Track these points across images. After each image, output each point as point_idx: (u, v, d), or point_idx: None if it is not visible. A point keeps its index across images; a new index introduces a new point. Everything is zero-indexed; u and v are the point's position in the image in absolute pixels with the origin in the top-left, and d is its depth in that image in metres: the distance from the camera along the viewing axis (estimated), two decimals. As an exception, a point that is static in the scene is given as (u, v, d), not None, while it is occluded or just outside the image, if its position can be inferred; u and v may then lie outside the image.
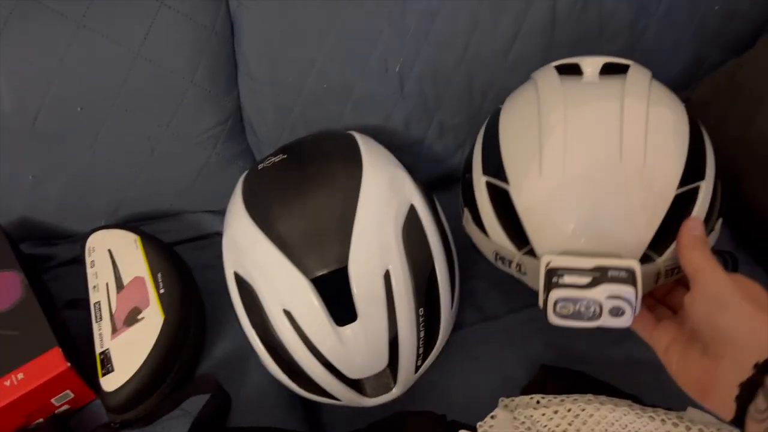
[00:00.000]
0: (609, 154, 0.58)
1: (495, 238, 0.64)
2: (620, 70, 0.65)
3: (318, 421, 0.73)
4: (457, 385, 0.70)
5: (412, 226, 0.65)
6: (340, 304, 0.62)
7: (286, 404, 0.72)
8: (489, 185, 0.64)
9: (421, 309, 0.64)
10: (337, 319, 0.61)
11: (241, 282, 0.66)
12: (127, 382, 0.62)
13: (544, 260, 0.57)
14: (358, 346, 0.62)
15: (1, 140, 0.72)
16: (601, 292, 0.53)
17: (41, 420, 0.64)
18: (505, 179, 0.62)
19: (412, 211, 0.66)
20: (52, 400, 0.64)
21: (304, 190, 0.66)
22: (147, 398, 0.64)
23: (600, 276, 0.54)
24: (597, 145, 0.59)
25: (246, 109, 0.80)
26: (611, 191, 0.58)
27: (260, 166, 0.71)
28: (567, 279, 0.55)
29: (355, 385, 0.65)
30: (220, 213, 0.84)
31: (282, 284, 0.62)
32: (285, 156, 0.70)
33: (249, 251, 0.65)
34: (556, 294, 0.54)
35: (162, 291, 0.67)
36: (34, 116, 0.72)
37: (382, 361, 0.63)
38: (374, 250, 0.62)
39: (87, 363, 0.66)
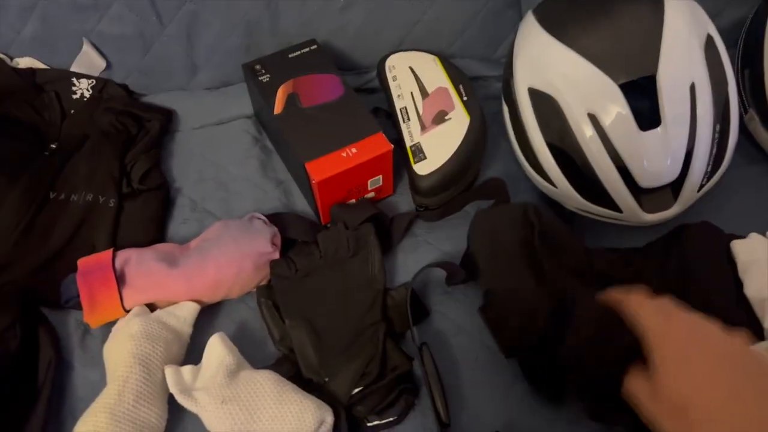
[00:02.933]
0: None
1: None
2: None
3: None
4: (727, 214, 0.73)
5: (711, 50, 0.69)
6: (643, 112, 0.67)
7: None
8: None
9: (718, 125, 0.68)
10: (640, 125, 0.66)
11: (537, 96, 0.71)
12: (440, 168, 0.71)
13: None
14: (656, 151, 0.66)
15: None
16: None
17: (356, 200, 0.75)
18: None
19: (710, 38, 0.70)
20: (368, 182, 0.73)
21: (607, 9, 0.70)
22: (451, 186, 0.72)
23: None
24: None
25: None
26: None
27: (552, -5, 0.76)
28: None
29: (640, 195, 0.70)
30: (485, 60, 0.92)
31: (589, 89, 0.67)
32: (581, -17, 0.75)
33: (551, 64, 0.70)
34: None
35: (465, 98, 0.75)
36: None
37: (674, 171, 0.67)
38: (683, 62, 0.66)
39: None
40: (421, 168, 0.72)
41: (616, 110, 0.67)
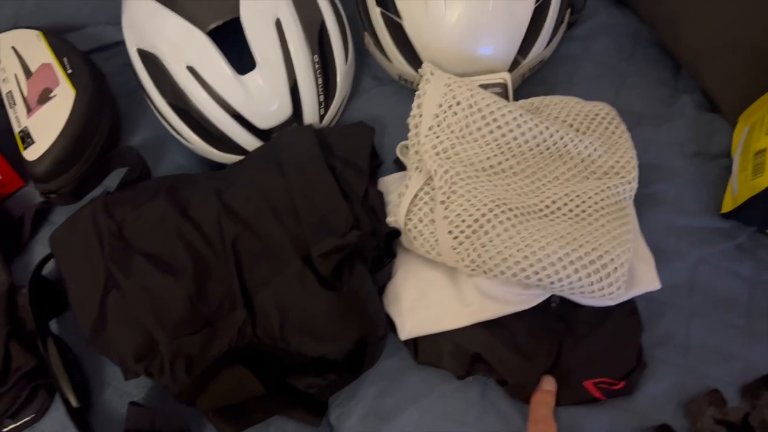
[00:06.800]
0: None
1: (396, 63, 0.74)
2: None
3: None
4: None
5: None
6: (241, 57, 0.68)
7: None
8: (384, 16, 0.72)
9: (316, 56, 0.70)
10: (239, 70, 0.67)
11: (144, 55, 0.70)
12: (49, 149, 0.67)
13: None
14: (261, 93, 0.68)
15: None
16: None
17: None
18: (397, 14, 0.71)
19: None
20: (-20, 182, 0.68)
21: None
22: (71, 165, 0.68)
23: None
24: None
25: None
26: (485, 16, 0.68)
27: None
28: None
29: (267, 137, 0.71)
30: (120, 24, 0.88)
31: (181, 42, 0.67)
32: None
33: (148, 23, 0.69)
34: None
35: (70, 71, 0.71)
36: None
37: (286, 108, 0.69)
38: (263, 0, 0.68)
39: (9, 152, 0.71)
40: (31, 153, 0.67)
41: (210, 59, 0.67)
